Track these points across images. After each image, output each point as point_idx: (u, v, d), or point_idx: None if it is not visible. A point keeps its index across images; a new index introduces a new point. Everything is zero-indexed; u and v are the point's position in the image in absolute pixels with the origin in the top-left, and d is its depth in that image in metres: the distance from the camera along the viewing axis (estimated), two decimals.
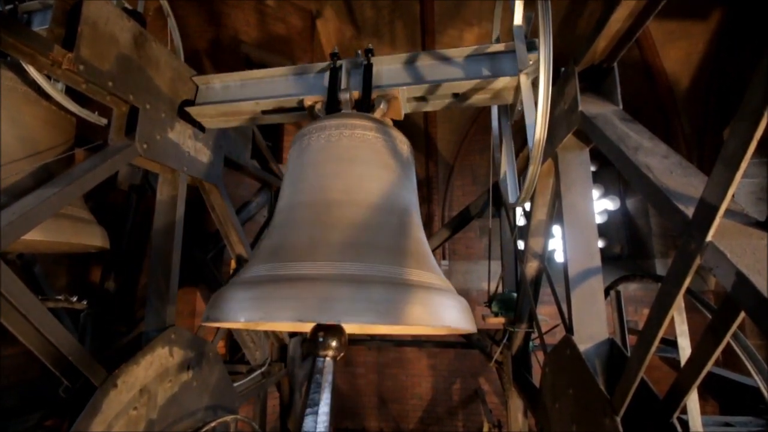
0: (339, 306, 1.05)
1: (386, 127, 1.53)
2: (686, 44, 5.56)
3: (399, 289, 1.13)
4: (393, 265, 1.20)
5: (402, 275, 1.19)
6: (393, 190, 1.42)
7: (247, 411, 4.81)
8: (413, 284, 1.17)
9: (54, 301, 2.42)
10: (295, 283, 1.11)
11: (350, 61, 1.73)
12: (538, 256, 2.66)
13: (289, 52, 6.70)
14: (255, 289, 1.15)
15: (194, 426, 1.96)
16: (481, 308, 3.77)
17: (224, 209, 2.54)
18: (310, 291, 1.08)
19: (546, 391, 2.15)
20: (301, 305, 1.06)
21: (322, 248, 1.22)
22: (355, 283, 1.10)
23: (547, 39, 1.18)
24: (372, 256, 1.20)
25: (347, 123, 1.47)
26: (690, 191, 1.20)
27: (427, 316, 1.14)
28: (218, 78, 1.97)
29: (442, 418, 7.29)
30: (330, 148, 1.43)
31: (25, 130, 1.94)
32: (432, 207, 7.69)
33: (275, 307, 1.09)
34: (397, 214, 1.38)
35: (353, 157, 1.41)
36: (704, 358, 1.13)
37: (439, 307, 1.19)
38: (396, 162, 1.49)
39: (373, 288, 1.10)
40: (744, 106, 0.88)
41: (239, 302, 1.15)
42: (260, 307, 1.10)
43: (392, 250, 1.27)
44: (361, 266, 1.16)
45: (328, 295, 1.07)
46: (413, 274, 1.22)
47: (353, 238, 1.25)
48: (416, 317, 1.11)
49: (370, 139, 1.46)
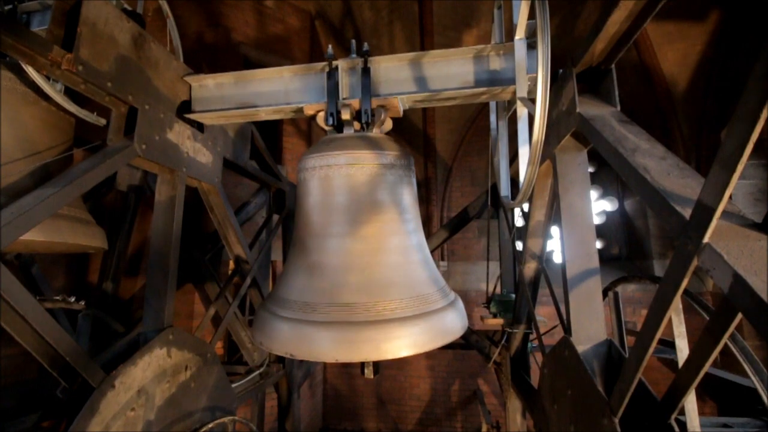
0: (367, 346, 1.32)
1: (396, 156, 1.59)
2: (684, 46, 5.57)
3: (417, 322, 1.39)
4: (406, 298, 1.44)
5: (418, 308, 1.43)
6: (406, 226, 1.60)
7: (245, 412, 4.80)
8: (427, 312, 1.44)
9: (52, 302, 2.41)
10: (331, 327, 1.36)
11: (347, 62, 1.73)
12: (536, 257, 2.66)
13: (288, 52, 6.70)
14: (299, 329, 1.40)
15: (192, 427, 1.96)
16: (480, 309, 3.78)
17: (223, 210, 2.54)
18: (344, 333, 1.34)
19: (544, 392, 2.15)
20: (337, 348, 1.34)
21: (351, 290, 1.44)
22: (379, 325, 1.35)
23: (546, 40, 1.19)
24: (394, 294, 1.43)
25: (359, 158, 1.56)
26: (687, 193, 1.20)
27: (440, 339, 1.42)
28: (211, 78, 1.96)
29: (441, 419, 7.28)
30: (350, 188, 1.55)
31: (24, 131, 1.94)
32: (430, 208, 7.69)
33: (317, 348, 1.36)
34: (403, 248, 1.56)
35: (374, 201, 1.56)
36: (702, 359, 1.13)
37: (448, 325, 1.47)
38: (407, 192, 1.62)
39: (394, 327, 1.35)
40: (741, 108, 0.89)
41: (286, 339, 1.41)
42: (303, 346, 1.37)
43: (404, 286, 1.48)
44: (382, 308, 1.39)
45: (358, 338, 1.33)
46: (424, 302, 1.46)
47: (375, 280, 1.46)
48: (435, 343, 1.40)
49: (384, 175, 1.57)
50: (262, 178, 3.35)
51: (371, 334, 1.32)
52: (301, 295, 1.48)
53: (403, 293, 1.45)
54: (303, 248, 1.58)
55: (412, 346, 1.34)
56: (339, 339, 1.33)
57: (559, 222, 1.98)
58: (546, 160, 2.16)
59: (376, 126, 1.68)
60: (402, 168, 1.60)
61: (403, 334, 1.34)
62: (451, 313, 1.51)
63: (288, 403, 3.68)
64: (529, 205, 2.58)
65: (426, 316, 1.42)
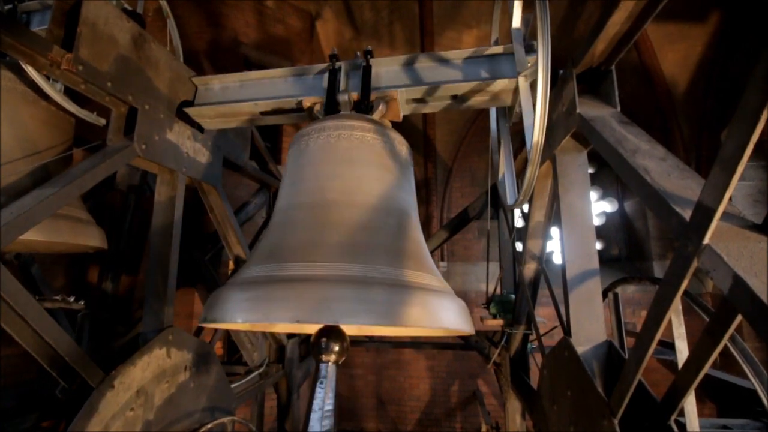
0: (338, 307, 1.05)
1: (385, 128, 1.54)
2: (684, 47, 5.58)
3: (397, 291, 1.13)
4: (391, 266, 1.21)
5: (400, 277, 1.20)
6: (391, 191, 1.43)
7: (245, 412, 4.80)
8: (412, 285, 1.18)
9: (51, 302, 2.41)
10: (293, 284, 1.11)
11: (349, 63, 1.74)
12: (536, 257, 2.66)
13: (288, 53, 6.70)
14: (253, 290, 1.15)
15: (191, 427, 1.95)
16: (480, 310, 3.77)
17: (223, 210, 2.53)
18: (308, 292, 1.08)
19: (544, 393, 2.15)
20: (299, 306, 1.06)
21: (321, 249, 1.22)
22: (353, 284, 1.11)
23: (546, 41, 1.19)
24: (370, 258, 1.21)
25: (346, 124, 1.48)
26: (687, 194, 1.20)
27: (425, 318, 1.15)
28: (217, 79, 1.97)
29: (440, 420, 7.28)
30: (329, 150, 1.44)
31: (24, 130, 1.94)
32: (430, 208, 7.69)
33: (273, 308, 1.09)
34: (395, 216, 1.39)
35: (352, 158, 1.42)
36: (702, 360, 1.13)
37: (437, 308, 1.20)
38: (394, 163, 1.50)
39: (372, 289, 1.10)
40: (741, 109, 0.89)
41: (237, 303, 1.15)
42: (258, 308, 1.11)
43: (390, 252, 1.27)
44: (360, 267, 1.16)
45: (327, 296, 1.07)
46: (412, 275, 1.22)
47: (351, 240, 1.26)
48: (414, 319, 1.12)
49: (369, 141, 1.46)
50: (261, 179, 3.35)
51: (346, 293, 1.07)
52: (267, 259, 1.24)
53: (394, 261, 1.23)
54: (280, 219, 1.40)
55: (392, 315, 1.08)
56: (305, 296, 1.07)
57: (559, 223, 1.98)
58: (546, 160, 2.16)
59: (375, 116, 1.67)
60: (396, 142, 1.54)
61: (385, 300, 1.09)
62: (447, 300, 1.26)
63: (287, 404, 3.67)
64: (529, 205, 2.57)
65: (420, 290, 1.18)
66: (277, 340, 3.30)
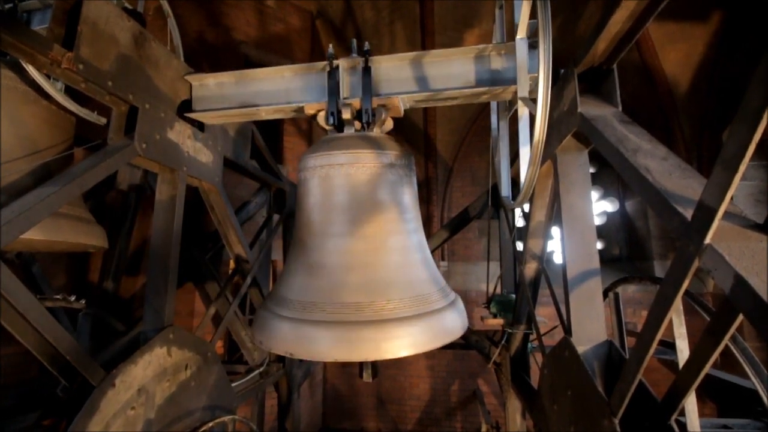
0: (367, 347, 1.33)
1: (389, 152, 1.58)
2: (686, 46, 5.56)
3: (415, 323, 1.39)
4: (405, 298, 1.44)
5: (418, 308, 1.43)
6: (406, 226, 1.59)
7: (245, 411, 4.80)
8: (428, 312, 1.44)
9: (52, 301, 2.41)
10: (330, 327, 1.37)
11: (348, 61, 1.73)
12: (536, 257, 2.66)
13: (289, 52, 6.69)
14: (297, 330, 1.40)
15: (192, 426, 1.95)
16: (480, 309, 3.77)
17: (223, 209, 2.54)
18: (343, 335, 1.34)
19: (544, 393, 2.15)
20: (337, 347, 1.34)
21: (346, 290, 1.44)
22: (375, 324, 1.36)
23: (547, 40, 1.18)
24: (389, 295, 1.43)
25: (353, 155, 1.55)
26: (689, 193, 1.20)
27: (440, 339, 1.42)
28: (212, 76, 1.96)
29: (441, 419, 7.28)
30: (351, 188, 1.55)
31: (25, 129, 1.94)
32: (431, 208, 7.68)
33: (315, 348, 1.36)
34: (405, 248, 1.57)
35: (374, 200, 1.56)
36: (702, 360, 1.13)
37: (446, 324, 1.47)
38: (401, 188, 1.61)
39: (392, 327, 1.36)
40: (743, 109, 0.88)
41: (285, 338, 1.41)
42: (303, 346, 1.38)
43: (402, 285, 1.48)
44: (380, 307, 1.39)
45: (357, 337, 1.34)
46: (425, 302, 1.47)
47: (375, 280, 1.47)
48: (434, 343, 1.40)
49: (377, 172, 1.56)
50: (262, 178, 3.35)
51: (370, 334, 1.33)
52: (301, 294, 1.48)
53: (403, 293, 1.45)
54: (303, 248, 1.58)
55: (411, 346, 1.35)
56: (338, 338, 1.33)
57: (559, 222, 1.98)
58: (547, 160, 2.16)
59: (376, 126, 1.68)
60: (402, 167, 1.61)
61: (403, 334, 1.35)
62: (451, 313, 1.51)
63: (288, 403, 3.68)
64: (530, 205, 2.57)
65: (426, 316, 1.42)
66: None
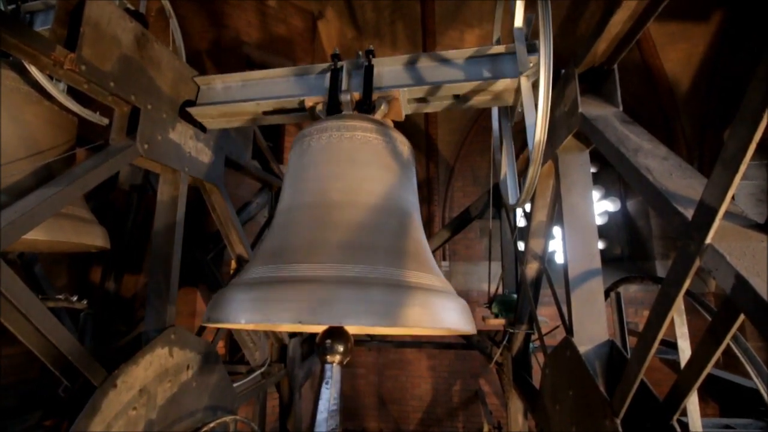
0: (339, 308, 1.07)
1: (387, 128, 1.54)
2: (687, 46, 5.55)
3: (399, 291, 1.14)
4: (393, 266, 1.22)
5: (402, 277, 1.20)
6: (393, 191, 1.43)
7: (247, 411, 4.81)
8: (413, 286, 1.19)
9: (54, 301, 2.42)
10: (295, 285, 1.12)
11: (351, 62, 1.74)
12: (538, 257, 2.66)
13: (291, 53, 6.70)
14: (255, 291, 1.16)
15: (193, 426, 1.96)
16: (482, 309, 3.77)
17: (225, 209, 2.54)
18: (310, 293, 1.10)
19: (546, 393, 2.15)
20: (301, 307, 1.08)
21: (322, 250, 1.23)
22: (355, 285, 1.12)
23: (548, 41, 1.19)
24: (371, 258, 1.22)
25: (348, 124, 1.48)
26: (690, 193, 1.20)
27: (426, 318, 1.16)
28: (220, 78, 1.98)
29: (442, 419, 7.28)
30: (330, 150, 1.44)
31: (27, 130, 1.95)
32: (432, 208, 7.69)
33: (275, 308, 1.10)
34: (397, 216, 1.40)
35: (354, 158, 1.42)
36: (704, 360, 1.13)
37: (438, 308, 1.21)
38: (396, 163, 1.50)
39: (373, 290, 1.11)
40: (744, 108, 0.88)
41: (240, 303, 1.17)
42: (260, 308, 1.12)
43: (392, 252, 1.28)
44: (361, 268, 1.17)
45: (329, 297, 1.09)
46: (413, 275, 1.23)
47: (353, 240, 1.26)
48: (416, 319, 1.13)
49: (371, 141, 1.47)
50: (264, 178, 3.35)
51: (348, 294, 1.09)
52: (269, 259, 1.25)
53: (396, 261, 1.24)
54: (282, 220, 1.40)
55: (392, 316, 1.09)
56: (307, 297, 1.08)
57: (561, 222, 1.98)
58: (548, 160, 2.16)
59: (377, 115, 1.67)
60: (399, 143, 1.55)
61: (386, 301, 1.10)
62: (448, 300, 1.27)
63: (290, 403, 3.68)
64: (531, 205, 2.57)
65: (420, 290, 1.18)
66: (279, 339, 3.30)
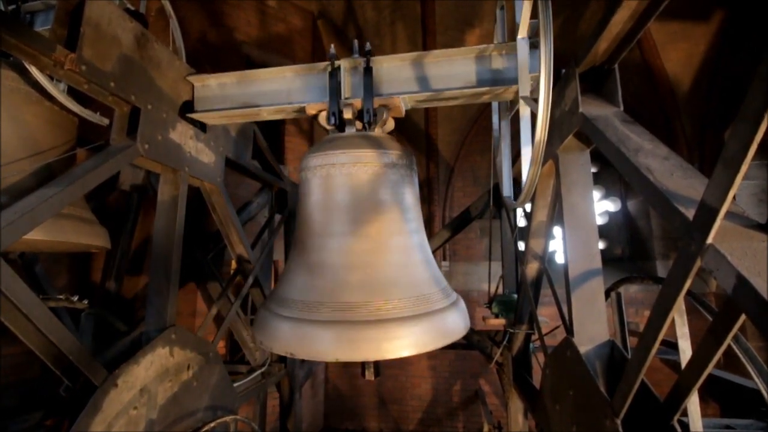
0: (368, 347, 1.33)
1: (390, 151, 1.58)
2: (688, 45, 5.54)
3: (419, 322, 1.39)
4: (409, 298, 1.44)
5: (420, 308, 1.43)
6: (408, 226, 1.59)
7: (247, 411, 4.81)
8: (429, 311, 1.44)
9: (55, 301, 2.42)
10: (334, 327, 1.36)
11: (349, 61, 1.73)
12: (538, 257, 2.66)
13: (290, 52, 6.70)
14: (298, 329, 1.40)
15: (194, 426, 1.96)
16: (482, 309, 3.77)
17: (225, 209, 2.54)
18: (345, 335, 1.35)
19: (546, 393, 2.15)
20: (339, 347, 1.34)
21: (348, 290, 1.44)
22: (380, 324, 1.36)
23: (548, 40, 1.18)
24: (391, 294, 1.43)
25: (355, 155, 1.55)
26: (691, 193, 1.20)
27: (439, 339, 1.42)
28: (214, 77, 1.97)
29: (442, 419, 7.28)
30: (352, 188, 1.54)
31: (27, 130, 1.95)
32: (432, 208, 7.68)
33: (316, 348, 1.36)
34: (407, 248, 1.57)
35: (376, 200, 1.55)
36: (705, 360, 1.13)
37: (449, 323, 1.48)
38: (409, 191, 1.62)
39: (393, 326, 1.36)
40: (745, 108, 0.88)
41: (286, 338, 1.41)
42: (302, 345, 1.38)
43: (407, 285, 1.48)
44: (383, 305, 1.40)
45: (360, 337, 1.34)
46: (425, 301, 1.46)
47: (374, 280, 1.46)
48: (434, 342, 1.40)
49: (386, 174, 1.56)
50: (264, 178, 3.35)
51: (372, 334, 1.33)
52: (302, 294, 1.48)
53: (405, 293, 1.44)
54: (304, 247, 1.58)
55: (412, 346, 1.34)
56: (339, 338, 1.33)
57: (561, 222, 1.98)
58: (548, 160, 2.15)
59: (378, 126, 1.68)
60: (404, 167, 1.60)
61: (404, 334, 1.35)
62: (452, 314, 1.51)
63: (290, 403, 3.68)
64: (532, 205, 2.57)
65: (427, 316, 1.42)
66: None
